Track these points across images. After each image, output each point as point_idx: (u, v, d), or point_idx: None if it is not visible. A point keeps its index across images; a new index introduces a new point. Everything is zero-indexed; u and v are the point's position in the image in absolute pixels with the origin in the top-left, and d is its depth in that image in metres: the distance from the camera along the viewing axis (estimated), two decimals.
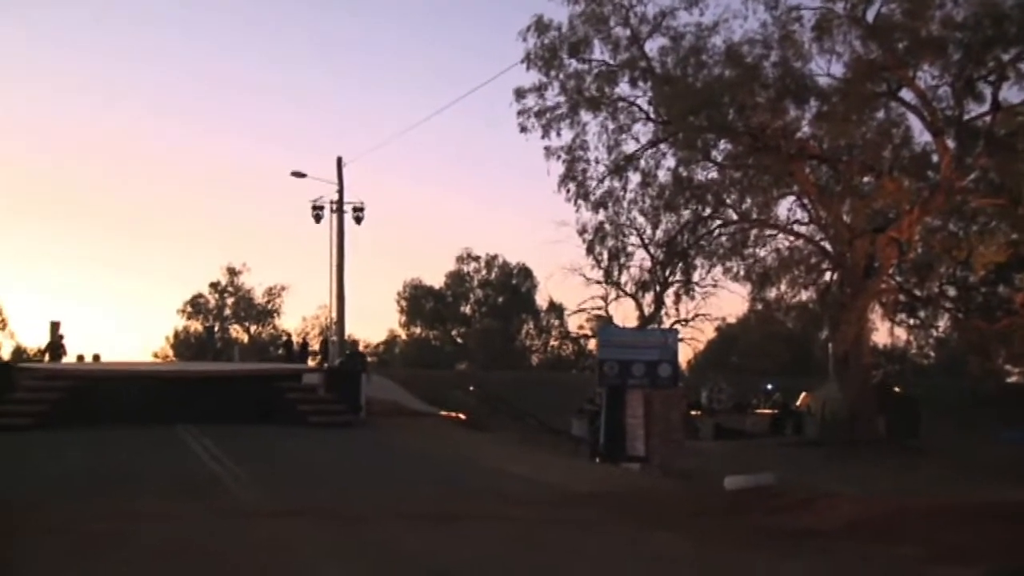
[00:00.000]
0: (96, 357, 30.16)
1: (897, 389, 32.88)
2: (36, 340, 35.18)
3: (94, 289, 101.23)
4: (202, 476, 13.29)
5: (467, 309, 68.97)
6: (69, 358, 28.56)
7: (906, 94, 25.20)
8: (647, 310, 40.32)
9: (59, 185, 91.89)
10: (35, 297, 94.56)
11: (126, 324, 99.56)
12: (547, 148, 28.87)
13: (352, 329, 54.54)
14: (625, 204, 30.07)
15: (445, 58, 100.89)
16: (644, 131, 28.84)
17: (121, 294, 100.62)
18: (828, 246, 28.54)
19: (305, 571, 7.69)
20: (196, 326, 72.93)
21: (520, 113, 28.57)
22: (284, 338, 51.23)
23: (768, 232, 29.68)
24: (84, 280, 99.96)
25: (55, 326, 28.99)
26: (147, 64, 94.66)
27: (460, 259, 68.26)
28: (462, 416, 26.08)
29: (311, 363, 34.13)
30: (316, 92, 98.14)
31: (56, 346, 28.26)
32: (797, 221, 29.36)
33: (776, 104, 25.11)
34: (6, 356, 52.63)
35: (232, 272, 72.55)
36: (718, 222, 30.24)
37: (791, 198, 28.80)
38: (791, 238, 29.57)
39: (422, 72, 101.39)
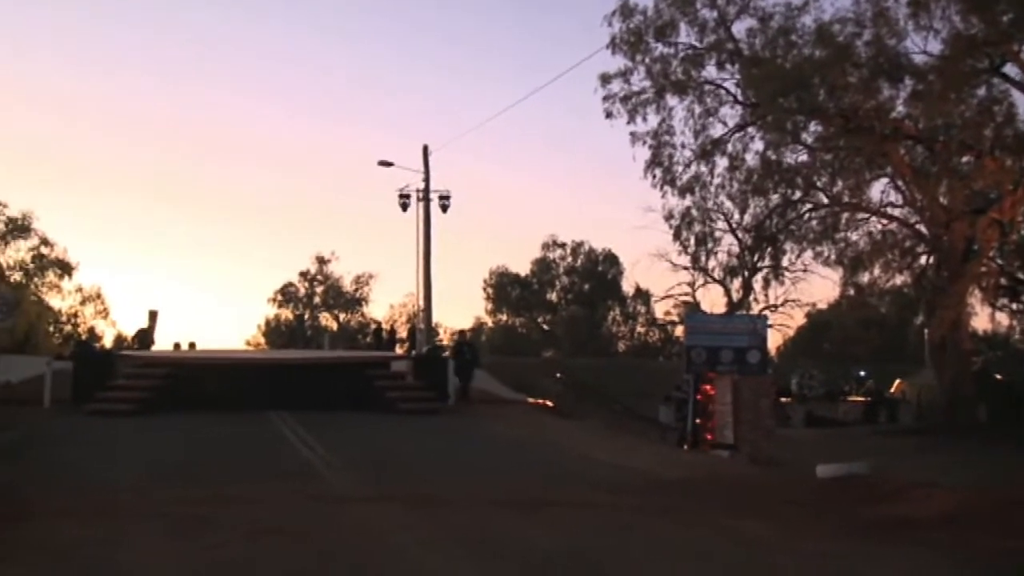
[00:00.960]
0: (192, 345, 30.92)
1: (999, 376, 31.79)
2: (135, 328, 36.27)
3: (190, 277, 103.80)
4: (294, 462, 13.53)
5: (553, 296, 68.87)
6: (160, 347, 29.32)
7: (1010, 69, 24.24)
8: (735, 296, 39.71)
9: (157, 171, 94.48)
10: (135, 285, 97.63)
11: (220, 312, 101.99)
12: (633, 133, 28.59)
13: (439, 317, 55.07)
14: (712, 189, 29.59)
15: (531, 45, 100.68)
16: (731, 114, 28.34)
17: (215, 282, 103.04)
18: (924, 229, 27.68)
19: (396, 556, 7.75)
20: (287, 314, 74.39)
21: (606, 99, 28.34)
22: (373, 326, 51.84)
23: (860, 215, 28.90)
24: (181, 268, 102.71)
25: (153, 315, 29.75)
26: (242, 50, 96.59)
27: (546, 246, 68.21)
28: (549, 403, 26.03)
29: (399, 350, 34.50)
30: (403, 80, 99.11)
31: (145, 335, 28.94)
32: (891, 203, 28.52)
33: (869, 84, 24.40)
34: (108, 344, 54.57)
35: (321, 261, 73.68)
36: (808, 206, 29.56)
37: (884, 180, 27.99)
38: (884, 221, 28.75)
39: (508, 59, 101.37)
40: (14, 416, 18.01)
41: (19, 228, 60.92)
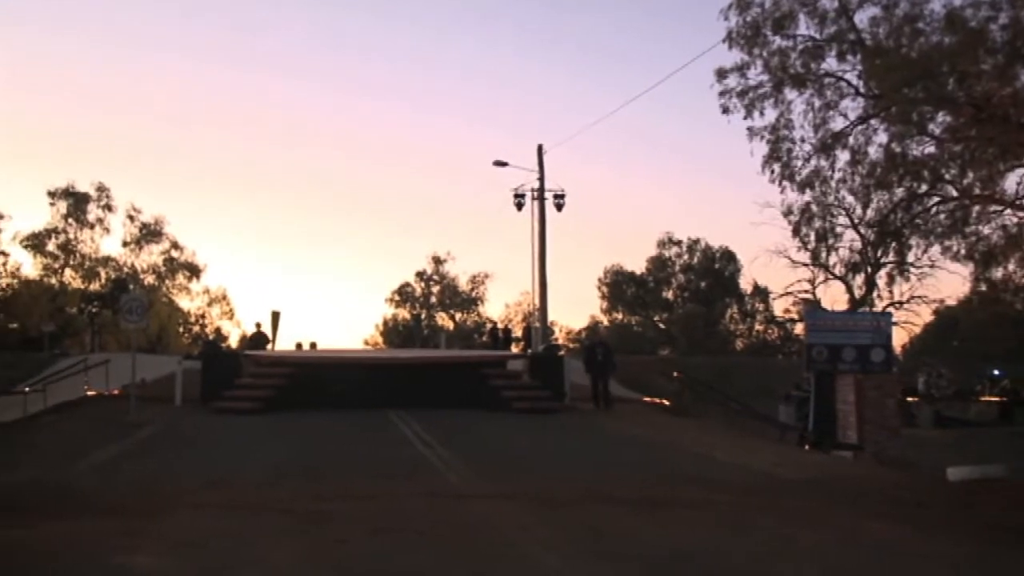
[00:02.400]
0: (313, 345, 31.72)
1: None
2: (250, 330, 37.51)
3: (312, 278, 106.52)
4: (412, 459, 13.72)
5: (669, 294, 68.23)
6: (282, 347, 30.08)
7: None
8: (857, 293, 38.71)
9: (280, 174, 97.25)
10: (259, 286, 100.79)
11: (339, 312, 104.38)
12: (750, 129, 28.14)
13: (554, 316, 55.21)
14: (833, 183, 28.96)
15: (645, 42, 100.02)
16: (853, 107, 27.60)
17: (335, 283, 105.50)
18: None
19: (514, 555, 7.77)
20: (404, 314, 75.61)
21: (722, 94, 27.95)
22: (488, 325, 52.22)
23: (993, 208, 27.80)
24: (303, 269, 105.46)
25: (275, 316, 30.54)
26: (363, 51, 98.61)
27: (661, 244, 67.67)
28: (665, 402, 25.80)
29: (514, 349, 34.64)
30: (518, 80, 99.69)
31: (259, 337, 29.64)
32: None
33: (1005, 70, 23.33)
34: (233, 344, 56.40)
35: (437, 261, 74.72)
36: (935, 199, 28.58)
37: (1020, 171, 26.88)
38: (1020, 214, 27.59)
39: (621, 57, 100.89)
40: (150, 413, 18.80)
41: (152, 233, 63.68)
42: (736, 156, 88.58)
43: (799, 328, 48.47)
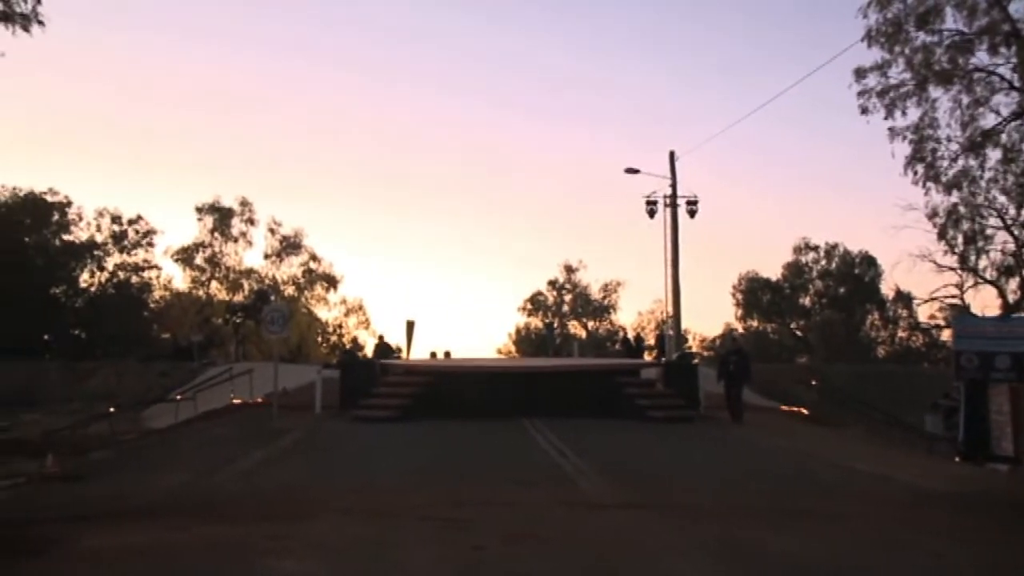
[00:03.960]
0: (447, 354, 32.13)
1: None
2: (394, 337, 38.30)
3: (445, 287, 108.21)
4: (547, 468, 13.73)
5: (806, 300, 66.54)
6: (417, 356, 30.58)
7: None
8: (1011, 297, 36.90)
9: (412, 186, 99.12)
10: (394, 296, 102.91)
11: (472, 321, 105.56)
12: (891, 129, 27.36)
13: (687, 323, 54.51)
14: (983, 183, 27.85)
15: (777, 46, 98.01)
16: (1006, 102, 26.48)
17: (468, 292, 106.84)
18: None
19: (649, 564, 7.69)
20: (536, 323, 75.93)
21: (860, 94, 27.27)
22: (621, 333, 51.97)
23: None
24: (436, 279, 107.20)
25: (410, 325, 31.10)
26: (489, 61, 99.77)
27: (797, 249, 66.12)
28: (804, 411, 25.17)
29: (647, 357, 34.33)
30: (649, 87, 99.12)
31: (385, 348, 30.14)
32: None
33: None
34: (369, 353, 57.66)
35: (569, 269, 74.83)
36: None
37: None
38: None
39: (753, 62, 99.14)
40: (291, 420, 19.40)
41: (291, 245, 65.85)
42: (876, 158, 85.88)
43: (946, 335, 46.51)
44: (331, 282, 67.80)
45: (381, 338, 31.11)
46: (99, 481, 12.46)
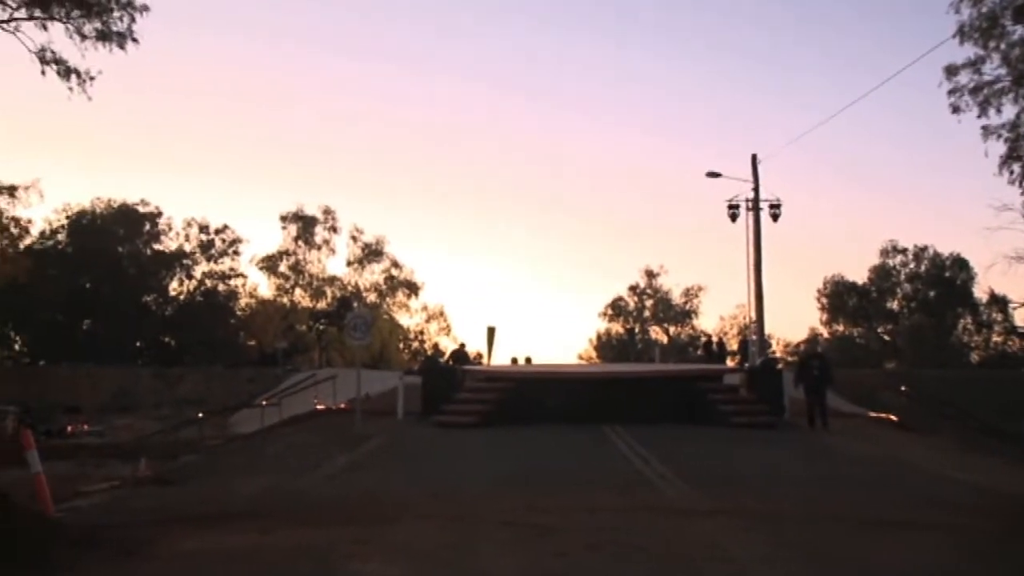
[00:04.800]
0: (528, 360, 32.13)
1: None
2: (475, 344, 38.57)
3: (526, 293, 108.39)
4: (629, 474, 13.62)
5: (894, 304, 65.02)
6: (498, 362, 30.63)
7: None
8: None
9: (492, 191, 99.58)
10: (475, 303, 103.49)
11: (553, 327, 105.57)
12: (985, 127, 26.59)
13: (771, 328, 53.70)
14: None
15: (862, 43, 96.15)
16: None
17: (549, 297, 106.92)
18: None
19: (737, 571, 7.57)
20: (617, 328, 75.60)
21: (951, 92, 26.57)
22: (703, 339, 51.39)
23: None
24: (517, 285, 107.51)
25: (491, 331, 31.16)
26: (572, 69, 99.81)
27: (885, 252, 64.66)
28: (893, 417, 24.54)
29: (730, 363, 33.88)
30: (731, 90, 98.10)
31: (461, 356, 30.19)
32: None
33: None
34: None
35: (650, 274, 74.36)
36: None
37: None
38: None
39: (837, 62, 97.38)
40: (374, 426, 19.60)
41: (373, 252, 66.65)
42: (967, 157, 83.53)
43: None
44: (412, 289, 68.42)
45: (462, 345, 31.30)
46: (189, 485, 12.74)
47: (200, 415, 32.39)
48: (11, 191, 33.84)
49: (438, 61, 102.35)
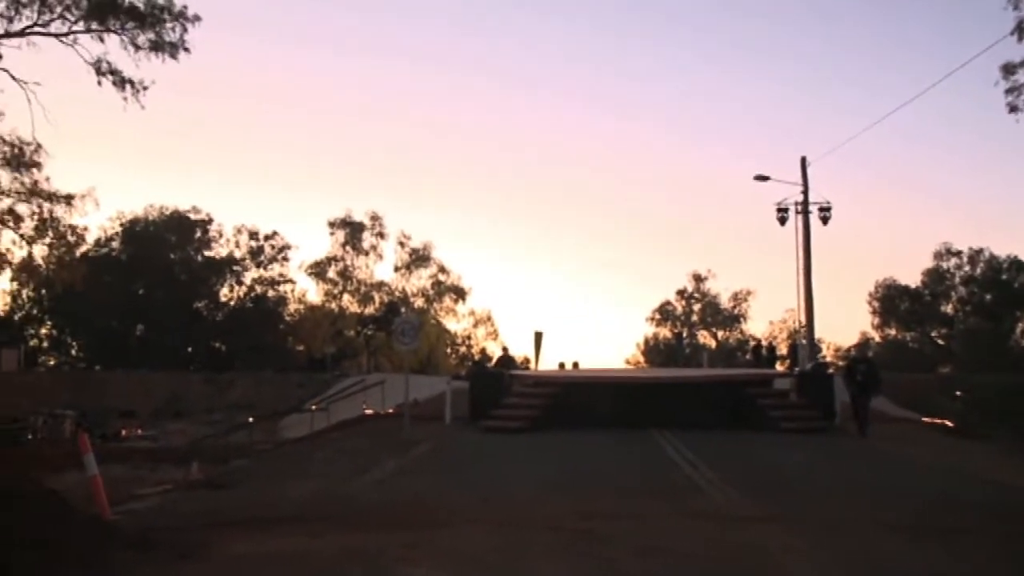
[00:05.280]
0: (575, 364, 32.07)
1: None
2: (522, 349, 38.58)
3: (573, 298, 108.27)
4: (676, 479, 13.54)
5: (948, 308, 63.93)
6: (545, 367, 30.58)
7: None
8: None
9: (538, 197, 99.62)
10: (522, 306, 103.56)
11: (600, 331, 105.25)
12: None
13: (821, 332, 53.08)
14: None
15: (914, 43, 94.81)
16: None
17: (596, 302, 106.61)
18: None
19: None
20: (665, 332, 75.22)
21: (1009, 91, 26.11)
22: (752, 343, 50.98)
23: None
24: (564, 290, 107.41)
25: (538, 336, 31.13)
26: (619, 72, 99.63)
27: (938, 255, 63.62)
28: (948, 423, 24.10)
29: (779, 367, 33.55)
30: (779, 92, 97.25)
31: (508, 362, 30.15)
32: None
33: None
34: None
35: (698, 278, 73.92)
36: None
37: None
38: None
39: (887, 62, 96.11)
40: (422, 431, 19.66)
41: (421, 258, 66.98)
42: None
43: None
44: (460, 294, 68.64)
45: (505, 350, 31.32)
46: (239, 488, 12.87)
47: (250, 420, 32.76)
48: (68, 200, 34.45)
49: (489, 65, 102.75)
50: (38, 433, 33.37)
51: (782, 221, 32.08)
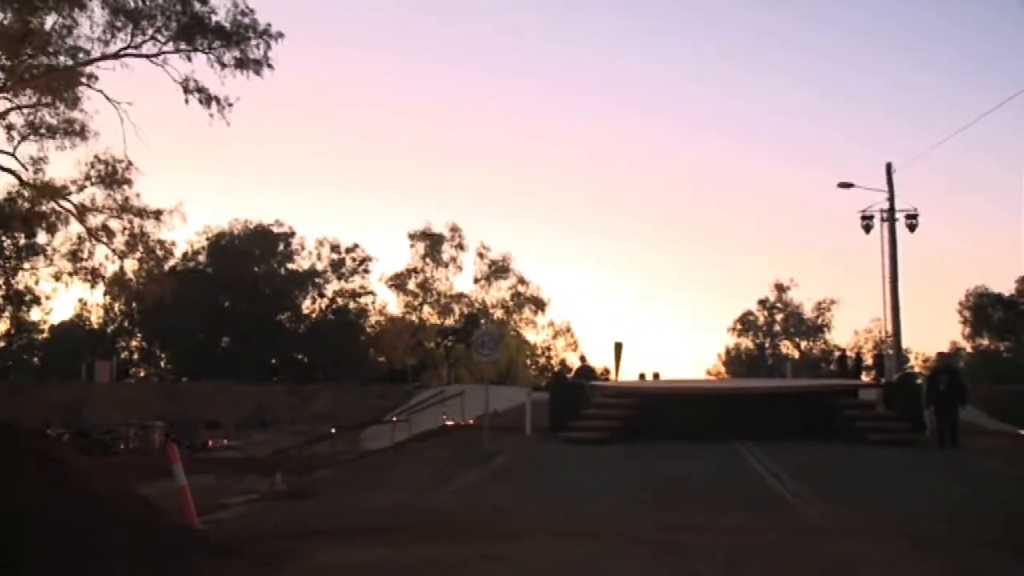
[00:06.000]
0: (656, 375, 31.80)
1: None
2: (602, 359, 38.35)
3: (653, 308, 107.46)
4: (762, 491, 13.32)
5: None
6: (625, 377, 30.40)
7: None
8: None
9: (614, 209, 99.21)
10: (602, 318, 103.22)
11: (681, 342, 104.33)
12: None
13: (909, 342, 51.80)
14: None
15: (1002, 48, 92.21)
16: None
17: (676, 313, 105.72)
18: None
19: None
20: (747, 343, 74.23)
21: None
22: (837, 353, 49.96)
23: None
24: (644, 300, 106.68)
25: (618, 347, 30.93)
26: (702, 89, 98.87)
27: None
28: None
29: (865, 378, 32.83)
30: (862, 98, 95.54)
31: (588, 372, 29.95)
32: None
33: None
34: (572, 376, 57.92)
35: (780, 288, 72.81)
36: None
37: None
38: None
39: (976, 66, 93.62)
40: (502, 442, 19.68)
41: (500, 269, 67.27)
42: None
43: None
44: (539, 305, 68.73)
45: (584, 360, 31.23)
46: (323, 499, 13.04)
47: (332, 431, 33.17)
48: (157, 215, 35.45)
49: (569, 76, 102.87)
50: (129, 443, 34.30)
51: (867, 229, 31.45)
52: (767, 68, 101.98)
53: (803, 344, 72.49)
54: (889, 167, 31.64)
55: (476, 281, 67.71)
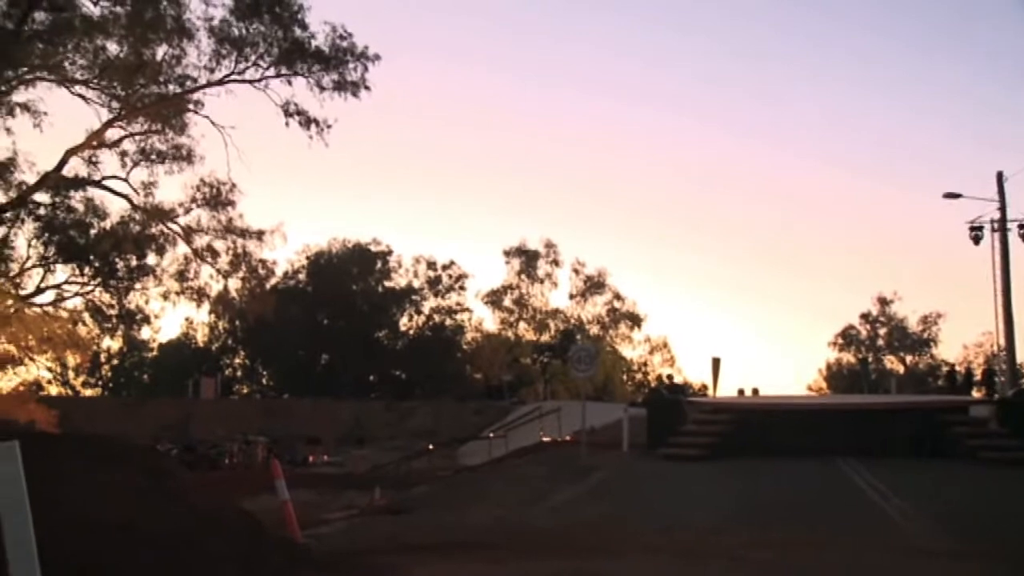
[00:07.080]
0: (755, 391, 31.28)
1: None
2: (699, 375, 37.95)
3: (752, 324, 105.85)
4: (866, 510, 12.98)
5: None
6: (724, 394, 30.00)
7: None
8: None
9: (714, 223, 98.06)
10: (700, 334, 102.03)
11: (780, 357, 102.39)
12: None
13: (1023, 357, 49.85)
14: None
15: None
16: None
17: (775, 328, 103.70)
18: None
19: None
20: (848, 358, 72.49)
21: None
22: (945, 368, 48.47)
23: None
24: (743, 315, 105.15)
25: (716, 363, 30.54)
26: (784, 98, 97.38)
27: None
28: None
29: (975, 394, 31.75)
30: (971, 104, 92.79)
31: (681, 390, 29.51)
32: None
33: None
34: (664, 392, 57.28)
35: (883, 301, 70.93)
36: None
37: None
38: None
39: None
40: (599, 458, 19.58)
41: (595, 285, 67.10)
42: None
43: None
44: (635, 320, 68.26)
45: (670, 378, 30.92)
46: (421, 514, 13.16)
47: (430, 447, 33.46)
48: (259, 235, 36.27)
49: (659, 94, 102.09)
50: (234, 458, 35.17)
51: (976, 240, 30.48)
52: (869, 82, 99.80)
53: (908, 359, 70.40)
54: (1000, 176, 30.62)
55: (571, 297, 67.65)
